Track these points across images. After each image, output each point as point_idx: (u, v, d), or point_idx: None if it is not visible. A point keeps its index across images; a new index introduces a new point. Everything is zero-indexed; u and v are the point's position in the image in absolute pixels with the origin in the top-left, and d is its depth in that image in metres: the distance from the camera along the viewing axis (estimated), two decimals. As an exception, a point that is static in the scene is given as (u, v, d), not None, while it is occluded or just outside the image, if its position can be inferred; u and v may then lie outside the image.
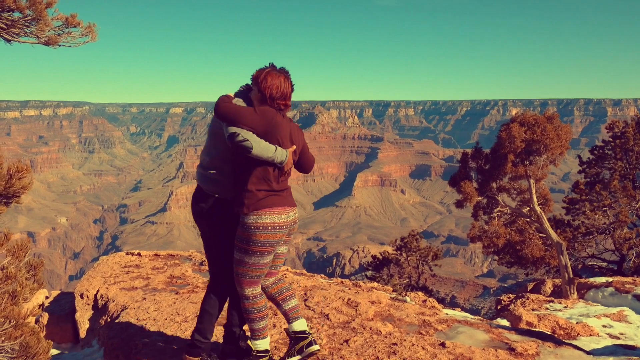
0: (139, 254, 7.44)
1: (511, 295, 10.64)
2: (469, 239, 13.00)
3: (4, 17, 2.90)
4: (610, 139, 15.37)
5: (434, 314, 4.95)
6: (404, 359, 3.58)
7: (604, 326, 6.30)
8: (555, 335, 5.13)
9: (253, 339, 3.24)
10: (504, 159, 11.08)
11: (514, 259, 13.84)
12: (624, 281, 9.19)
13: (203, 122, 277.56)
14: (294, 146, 3.11)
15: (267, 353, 3.27)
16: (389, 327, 4.23)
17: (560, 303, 8.38)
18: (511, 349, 3.92)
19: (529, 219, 12.17)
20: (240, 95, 3.17)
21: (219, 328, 3.83)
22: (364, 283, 7.27)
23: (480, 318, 6.19)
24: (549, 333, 5.19)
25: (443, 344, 3.87)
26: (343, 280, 6.98)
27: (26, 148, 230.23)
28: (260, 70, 3.07)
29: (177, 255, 7.59)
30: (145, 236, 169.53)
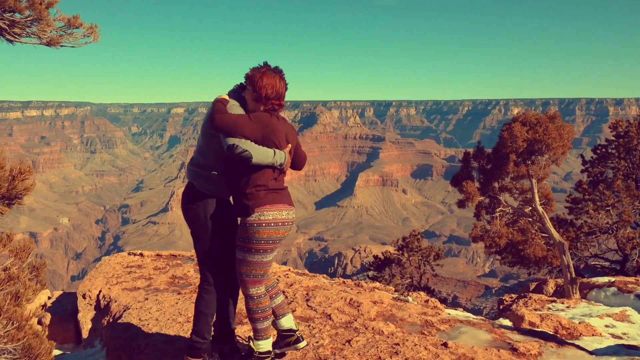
0: (141, 254, 7.44)
1: (513, 295, 10.60)
2: (471, 239, 12.99)
3: (6, 18, 2.90)
4: (614, 138, 15.31)
5: (436, 314, 4.95)
6: (406, 359, 3.58)
7: (607, 326, 6.28)
8: (558, 335, 5.11)
9: (256, 339, 3.24)
10: (506, 158, 11.07)
11: (516, 258, 13.80)
12: (627, 281, 9.15)
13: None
14: (290, 145, 3.13)
15: (270, 354, 3.27)
16: (391, 327, 4.22)
17: (562, 303, 8.35)
18: (514, 349, 3.92)
19: (531, 219, 12.14)
20: (233, 95, 3.17)
21: None
22: (366, 283, 7.27)
23: (482, 318, 6.18)
24: (552, 333, 5.18)
25: (445, 344, 3.87)
26: (345, 280, 6.98)
27: (28, 148, 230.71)
28: (256, 70, 3.07)
29: (179, 255, 7.59)
30: (147, 236, 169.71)
